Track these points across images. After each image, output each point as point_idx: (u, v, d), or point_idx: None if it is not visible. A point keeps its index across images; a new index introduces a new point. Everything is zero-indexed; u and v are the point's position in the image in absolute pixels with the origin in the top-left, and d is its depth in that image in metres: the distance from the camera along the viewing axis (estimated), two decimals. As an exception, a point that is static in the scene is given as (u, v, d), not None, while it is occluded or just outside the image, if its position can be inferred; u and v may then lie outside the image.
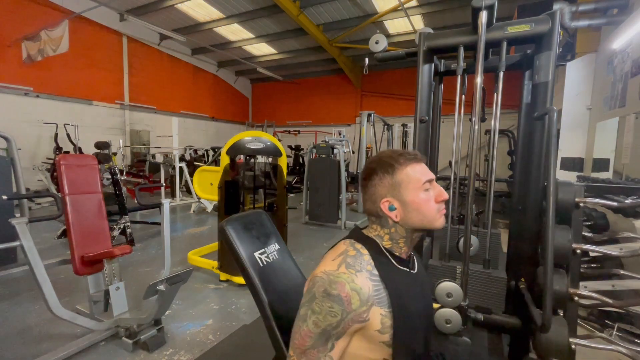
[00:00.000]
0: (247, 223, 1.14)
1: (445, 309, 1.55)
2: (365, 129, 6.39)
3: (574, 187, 1.50)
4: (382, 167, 0.81)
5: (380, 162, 0.82)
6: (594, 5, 3.89)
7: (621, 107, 3.35)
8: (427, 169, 0.82)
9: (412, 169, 0.80)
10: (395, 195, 0.80)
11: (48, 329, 2.15)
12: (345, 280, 0.72)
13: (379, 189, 0.81)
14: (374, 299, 0.74)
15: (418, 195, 0.78)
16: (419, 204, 0.78)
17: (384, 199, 0.80)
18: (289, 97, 14.36)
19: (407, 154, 0.82)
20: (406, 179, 0.79)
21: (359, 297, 0.72)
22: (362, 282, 0.73)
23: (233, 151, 2.88)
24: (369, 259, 0.78)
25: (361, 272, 0.75)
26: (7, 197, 2.27)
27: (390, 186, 0.80)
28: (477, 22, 1.49)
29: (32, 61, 6.85)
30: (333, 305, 0.71)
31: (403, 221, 0.80)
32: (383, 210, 0.81)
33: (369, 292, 0.73)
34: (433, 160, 2.06)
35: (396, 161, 0.80)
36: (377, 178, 0.81)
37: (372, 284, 0.75)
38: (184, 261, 3.39)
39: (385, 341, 0.75)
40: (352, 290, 0.72)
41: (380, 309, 0.74)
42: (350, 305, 0.71)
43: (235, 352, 1.96)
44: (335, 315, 0.71)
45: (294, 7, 7.54)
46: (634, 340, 1.85)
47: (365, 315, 0.73)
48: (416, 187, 0.79)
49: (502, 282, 1.63)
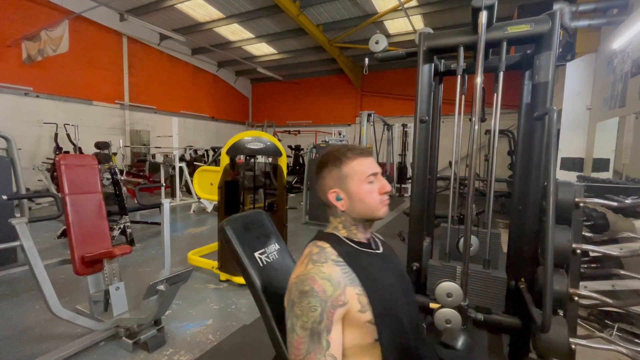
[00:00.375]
0: (247, 223, 1.14)
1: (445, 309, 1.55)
2: (365, 129, 6.39)
3: (574, 187, 1.50)
4: (331, 161, 0.87)
5: (330, 156, 0.88)
6: (594, 5, 3.89)
7: (621, 107, 3.35)
8: (373, 162, 0.88)
9: (358, 163, 0.86)
10: (341, 187, 0.86)
11: (48, 329, 2.15)
12: (314, 274, 0.77)
13: (327, 181, 0.88)
14: (345, 280, 0.78)
15: (362, 187, 0.85)
16: (363, 195, 0.85)
17: (332, 189, 0.87)
18: (289, 97, 14.36)
19: (356, 149, 0.88)
20: (352, 172, 0.85)
21: (330, 284, 0.76)
22: (329, 269, 0.78)
23: (233, 151, 2.88)
24: (331, 250, 0.83)
25: (326, 262, 0.80)
26: (7, 197, 2.26)
27: (338, 178, 0.86)
28: (477, 22, 1.49)
29: (32, 61, 6.84)
30: (310, 301, 0.74)
31: (349, 210, 0.87)
32: (331, 201, 0.87)
33: (339, 275, 0.78)
34: (433, 160, 2.06)
35: (344, 155, 0.86)
36: (327, 170, 0.88)
37: (339, 268, 0.80)
38: (184, 261, 3.39)
39: (370, 319, 0.78)
40: (323, 280, 0.76)
41: (353, 288, 0.78)
42: (325, 293, 0.75)
43: (235, 352, 1.96)
44: (316, 309, 0.74)
45: (294, 7, 7.54)
46: (634, 340, 1.85)
47: (342, 297, 0.76)
48: (361, 179, 0.85)
49: (502, 282, 1.63)
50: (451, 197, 1.95)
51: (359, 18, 8.45)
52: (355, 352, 0.80)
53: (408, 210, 1.79)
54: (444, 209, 2.05)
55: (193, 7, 8.33)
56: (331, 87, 13.32)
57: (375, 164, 0.88)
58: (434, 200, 2.25)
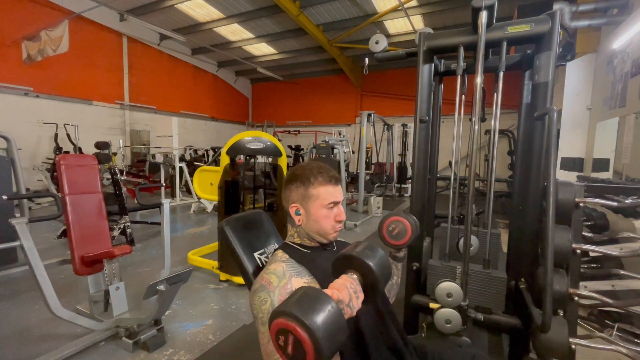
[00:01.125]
0: (246, 223, 1.13)
1: (445, 309, 1.55)
2: (365, 129, 6.39)
3: (574, 187, 1.50)
4: (301, 179, 0.93)
5: (302, 173, 0.94)
6: (594, 5, 3.89)
7: (621, 107, 3.35)
8: (339, 191, 0.94)
9: (324, 189, 0.92)
10: (303, 204, 0.93)
11: (48, 329, 2.15)
12: (262, 273, 0.87)
13: (292, 195, 0.95)
14: (290, 272, 0.86)
15: (320, 210, 0.91)
16: (319, 218, 0.92)
17: (294, 203, 0.94)
18: (289, 97, 14.36)
19: (327, 173, 0.93)
20: (315, 195, 0.92)
21: (276, 276, 0.84)
22: (275, 266, 0.87)
23: (233, 151, 2.88)
24: (282, 254, 0.92)
25: (275, 262, 0.89)
26: (7, 197, 2.26)
27: (302, 196, 0.93)
28: (477, 22, 1.49)
29: (32, 61, 6.84)
30: (260, 295, 0.81)
31: (304, 226, 0.94)
32: (290, 213, 0.95)
33: (284, 269, 0.86)
34: (433, 160, 2.06)
35: (315, 178, 0.92)
36: (294, 185, 0.94)
37: (285, 264, 0.88)
38: (184, 261, 3.39)
39: None
40: (269, 274, 0.85)
41: (301, 279, 0.86)
42: (272, 284, 0.82)
43: (235, 352, 1.96)
44: (266, 301, 0.80)
45: (294, 7, 7.54)
46: (634, 340, 1.84)
47: (288, 286, 0.83)
48: (322, 204, 0.91)
49: (502, 282, 1.63)
50: (451, 197, 1.95)
51: (359, 18, 8.45)
52: None
53: (408, 210, 1.79)
54: (444, 209, 2.05)
55: (193, 7, 8.33)
56: (331, 87, 13.32)
57: (340, 192, 0.94)
58: (434, 200, 2.25)
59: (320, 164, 0.96)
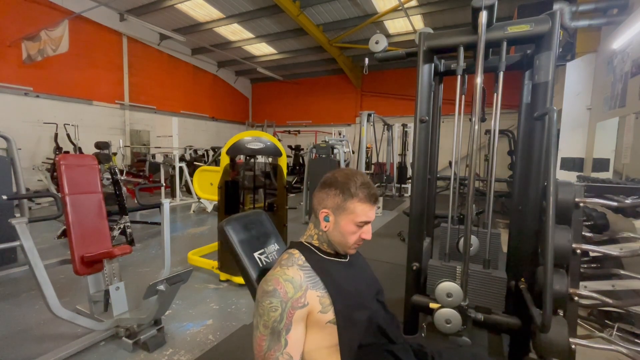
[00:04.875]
0: (246, 223, 1.13)
1: (445, 309, 1.55)
2: (365, 129, 6.39)
3: (574, 187, 1.50)
4: (342, 188, 0.89)
5: (345, 182, 0.89)
6: (594, 5, 3.89)
7: (621, 107, 3.35)
8: (372, 211, 0.91)
9: (361, 207, 0.88)
10: (335, 213, 0.90)
11: (48, 329, 2.15)
12: (278, 275, 0.83)
13: (328, 200, 0.91)
14: (307, 283, 0.84)
15: (350, 226, 0.89)
16: (346, 232, 0.90)
17: (326, 209, 0.91)
18: (289, 97, 14.36)
19: (369, 191, 0.89)
20: (350, 210, 0.88)
21: (292, 286, 0.82)
22: (293, 272, 0.84)
23: (233, 151, 2.88)
24: (299, 256, 0.90)
25: (292, 266, 0.87)
26: (7, 197, 2.26)
27: (336, 205, 0.90)
28: (477, 22, 1.49)
29: (32, 61, 6.83)
30: (272, 300, 0.79)
31: (329, 233, 0.92)
32: (319, 216, 0.93)
33: (301, 279, 0.84)
34: (433, 160, 2.06)
35: (356, 192, 0.88)
36: (333, 192, 0.90)
37: (303, 272, 0.86)
38: (184, 261, 3.39)
39: (331, 319, 0.83)
40: (286, 282, 0.82)
41: (316, 291, 0.84)
42: (287, 294, 0.80)
43: (235, 352, 1.96)
44: (276, 309, 0.78)
45: (294, 7, 7.54)
46: (634, 340, 1.84)
47: (302, 300, 0.81)
48: (354, 220, 0.89)
49: (502, 282, 1.63)
50: (451, 197, 1.95)
51: (359, 18, 8.45)
52: (322, 354, 0.84)
53: (408, 210, 1.79)
54: (444, 209, 2.05)
55: (193, 7, 8.33)
56: (331, 87, 13.32)
57: (374, 213, 0.91)
58: (434, 200, 2.25)
59: (365, 177, 0.91)
